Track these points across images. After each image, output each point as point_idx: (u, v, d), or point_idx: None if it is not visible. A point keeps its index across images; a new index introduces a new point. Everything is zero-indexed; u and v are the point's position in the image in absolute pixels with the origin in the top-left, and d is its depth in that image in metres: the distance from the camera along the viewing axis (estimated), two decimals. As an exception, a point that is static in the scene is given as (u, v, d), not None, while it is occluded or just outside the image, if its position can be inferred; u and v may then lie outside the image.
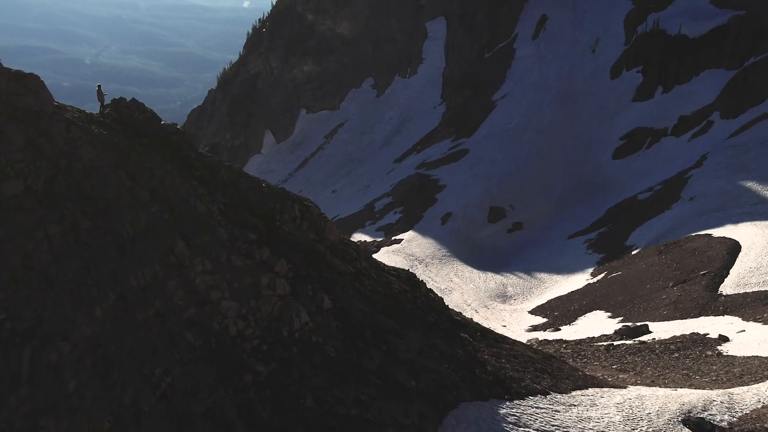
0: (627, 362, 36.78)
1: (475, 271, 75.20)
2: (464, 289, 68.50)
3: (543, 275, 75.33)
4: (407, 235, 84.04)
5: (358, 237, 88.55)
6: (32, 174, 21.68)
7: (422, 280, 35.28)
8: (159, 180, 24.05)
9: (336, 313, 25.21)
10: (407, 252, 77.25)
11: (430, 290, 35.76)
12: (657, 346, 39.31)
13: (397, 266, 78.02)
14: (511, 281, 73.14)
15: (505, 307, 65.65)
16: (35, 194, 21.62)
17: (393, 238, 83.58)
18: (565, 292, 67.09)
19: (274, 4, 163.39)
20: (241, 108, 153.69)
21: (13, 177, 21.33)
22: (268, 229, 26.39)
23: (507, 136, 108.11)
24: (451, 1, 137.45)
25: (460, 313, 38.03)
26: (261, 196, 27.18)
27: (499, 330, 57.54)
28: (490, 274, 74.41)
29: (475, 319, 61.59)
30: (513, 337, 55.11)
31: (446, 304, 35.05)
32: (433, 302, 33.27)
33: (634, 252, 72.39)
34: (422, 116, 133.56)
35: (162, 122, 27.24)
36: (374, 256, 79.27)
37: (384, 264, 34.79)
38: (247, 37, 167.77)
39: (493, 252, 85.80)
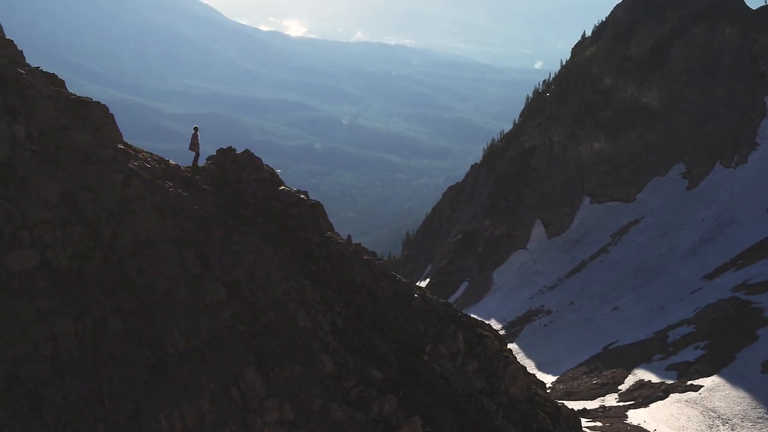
0: None
1: (806, 447, 65.77)
2: (785, 473, 59.77)
3: None
4: (710, 381, 75.80)
5: (639, 374, 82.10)
6: (57, 243, 18.66)
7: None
8: (247, 270, 20.28)
9: None
10: (707, 405, 69.28)
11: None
12: None
13: (690, 421, 70.72)
14: None
15: None
16: (54, 272, 18.47)
17: (689, 382, 76.01)
18: None
19: (563, 63, 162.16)
20: (507, 190, 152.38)
21: (27, 244, 18.27)
22: (406, 365, 21.71)
23: None
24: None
25: None
26: (408, 313, 22.85)
27: None
28: (829, 456, 64.48)
29: None
30: None
31: None
32: None
33: None
34: (749, 220, 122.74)
35: (281, 188, 23.93)
36: (660, 403, 72.61)
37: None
38: (526, 102, 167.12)
39: (838, 424, 74.76)
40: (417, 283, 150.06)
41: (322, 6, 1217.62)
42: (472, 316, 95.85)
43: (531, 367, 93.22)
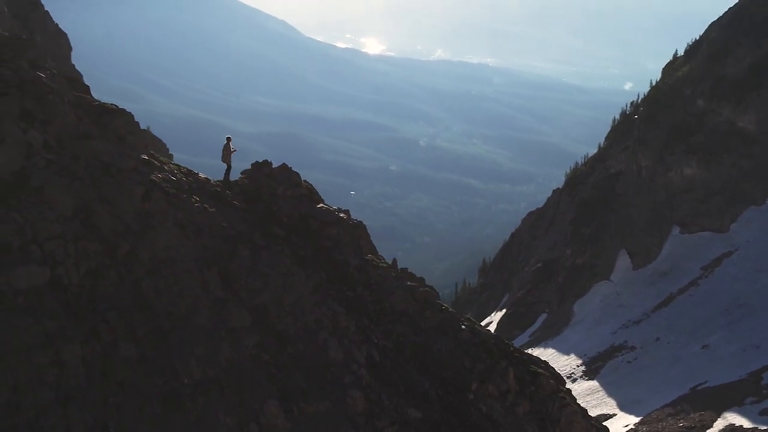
0: None
1: None
2: None
3: None
4: (809, 429, 73.07)
5: (730, 418, 79.07)
6: (69, 259, 17.75)
7: None
8: (275, 294, 19.20)
9: None
10: (804, 455, 66.69)
11: None
12: None
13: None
14: None
15: None
16: (64, 291, 17.51)
17: (785, 430, 73.20)
18: None
19: (653, 83, 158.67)
20: (591, 217, 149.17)
21: (36, 260, 17.37)
22: (449, 404, 20.25)
23: None
24: None
25: None
26: (453, 346, 21.48)
27: None
28: None
29: None
30: None
31: None
32: None
33: None
34: None
35: (319, 206, 22.92)
36: (749, 457, 69.48)
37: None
38: (612, 124, 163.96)
39: None
40: (493, 314, 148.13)
41: (401, 23, 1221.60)
42: (549, 350, 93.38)
43: (612, 407, 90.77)
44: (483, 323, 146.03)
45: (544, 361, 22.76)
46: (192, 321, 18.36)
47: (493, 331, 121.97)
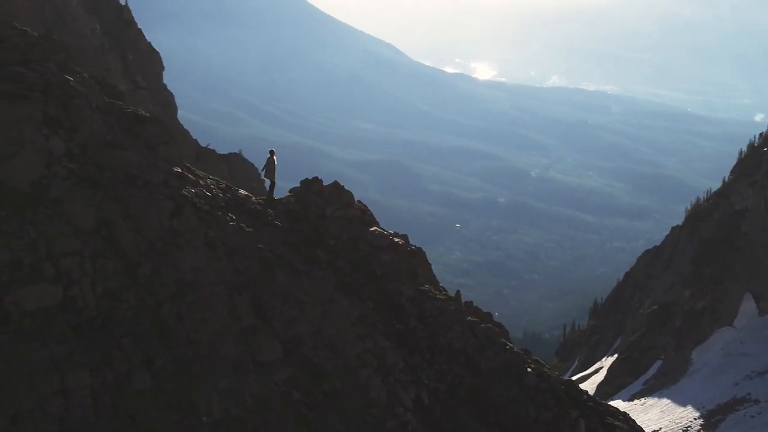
0: None
1: None
2: None
3: None
4: None
5: None
6: (85, 279, 16.78)
7: None
8: (312, 325, 18.11)
9: None
10: None
11: None
12: None
13: None
14: None
15: None
16: (77, 314, 16.58)
17: None
18: None
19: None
20: (713, 257, 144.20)
21: (48, 278, 16.38)
22: None
23: None
24: None
25: None
26: (517, 391, 19.80)
27: None
28: None
29: None
30: None
31: None
32: None
33: None
34: None
35: (372, 228, 21.39)
36: None
37: None
38: (739, 157, 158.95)
39: None
40: (603, 359, 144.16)
41: (514, 48, 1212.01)
42: (664, 400, 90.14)
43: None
44: (592, 368, 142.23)
45: (624, 412, 20.64)
46: (216, 351, 17.22)
47: (602, 378, 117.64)
